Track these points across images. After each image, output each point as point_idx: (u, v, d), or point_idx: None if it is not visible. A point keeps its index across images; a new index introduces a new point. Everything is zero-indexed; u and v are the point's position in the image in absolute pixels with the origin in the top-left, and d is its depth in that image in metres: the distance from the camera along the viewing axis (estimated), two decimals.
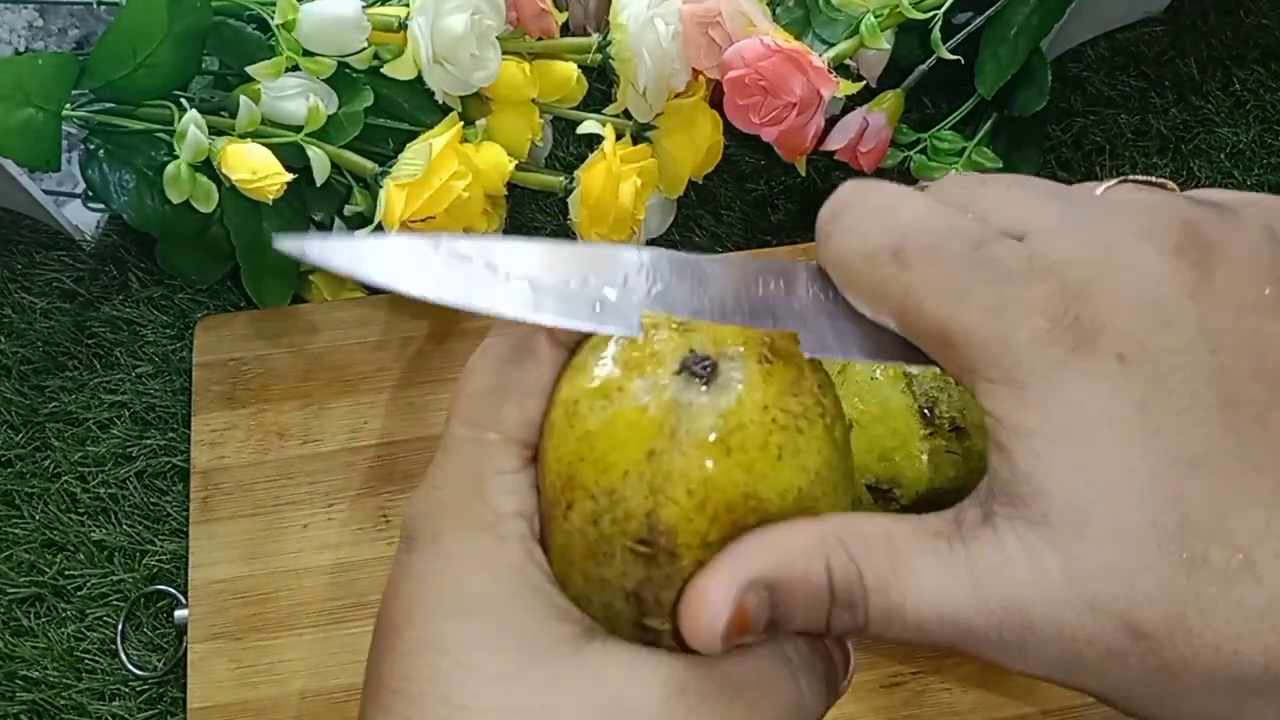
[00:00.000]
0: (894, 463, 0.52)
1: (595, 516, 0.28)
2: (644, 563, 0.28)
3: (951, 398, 0.52)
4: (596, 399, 0.29)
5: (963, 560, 0.26)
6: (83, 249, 0.69)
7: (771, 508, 0.28)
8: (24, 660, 0.58)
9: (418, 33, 0.55)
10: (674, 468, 0.27)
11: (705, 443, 0.28)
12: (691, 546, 0.27)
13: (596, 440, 0.28)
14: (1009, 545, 0.25)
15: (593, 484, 0.28)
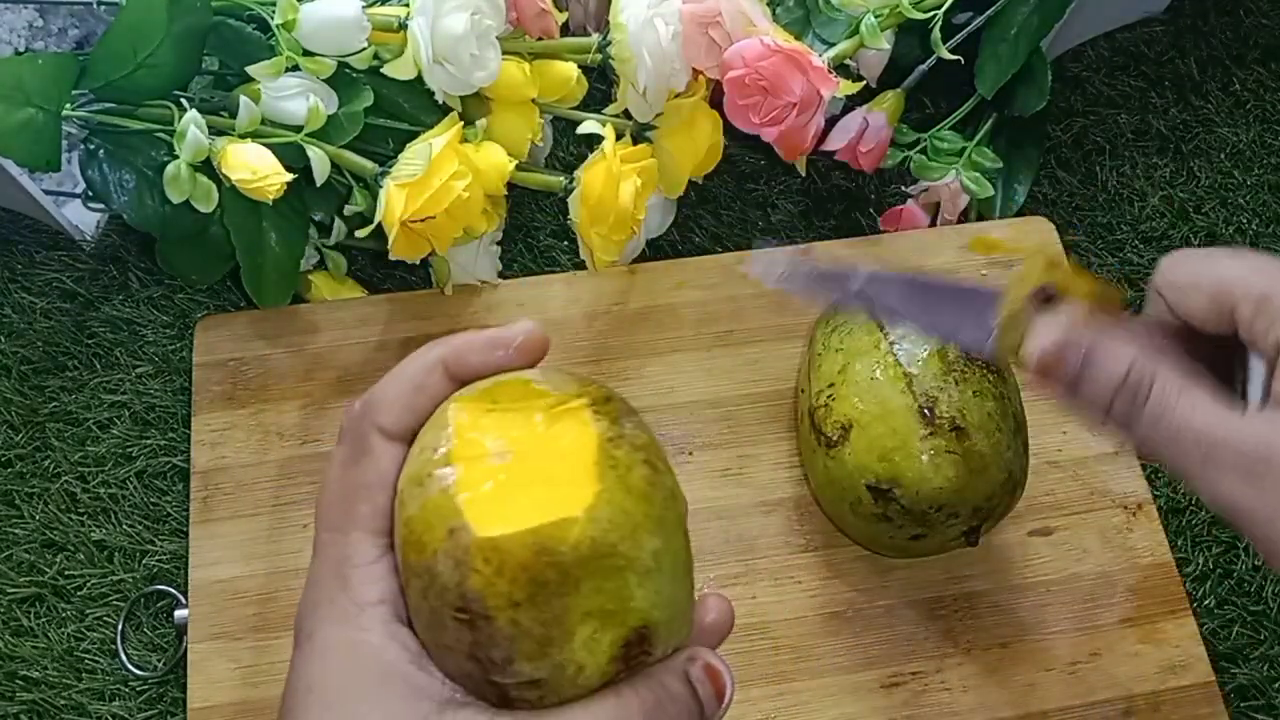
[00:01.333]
0: (894, 463, 0.52)
1: (424, 592, 0.31)
2: (468, 628, 0.30)
3: (951, 398, 0.52)
4: (413, 486, 0.32)
5: (1227, 410, 0.35)
6: (83, 249, 0.69)
7: (565, 560, 0.30)
8: (24, 660, 0.58)
9: (418, 33, 0.55)
10: (470, 541, 0.30)
11: None
12: (501, 608, 0.30)
13: (414, 524, 0.32)
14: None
15: (416, 563, 0.31)
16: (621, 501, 0.31)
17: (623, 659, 0.31)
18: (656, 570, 0.31)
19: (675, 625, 0.33)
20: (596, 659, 0.31)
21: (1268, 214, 0.72)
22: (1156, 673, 0.56)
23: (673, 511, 0.33)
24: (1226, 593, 0.61)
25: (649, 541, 0.31)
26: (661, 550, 0.32)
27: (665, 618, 0.32)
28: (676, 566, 0.33)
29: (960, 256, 0.67)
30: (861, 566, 0.59)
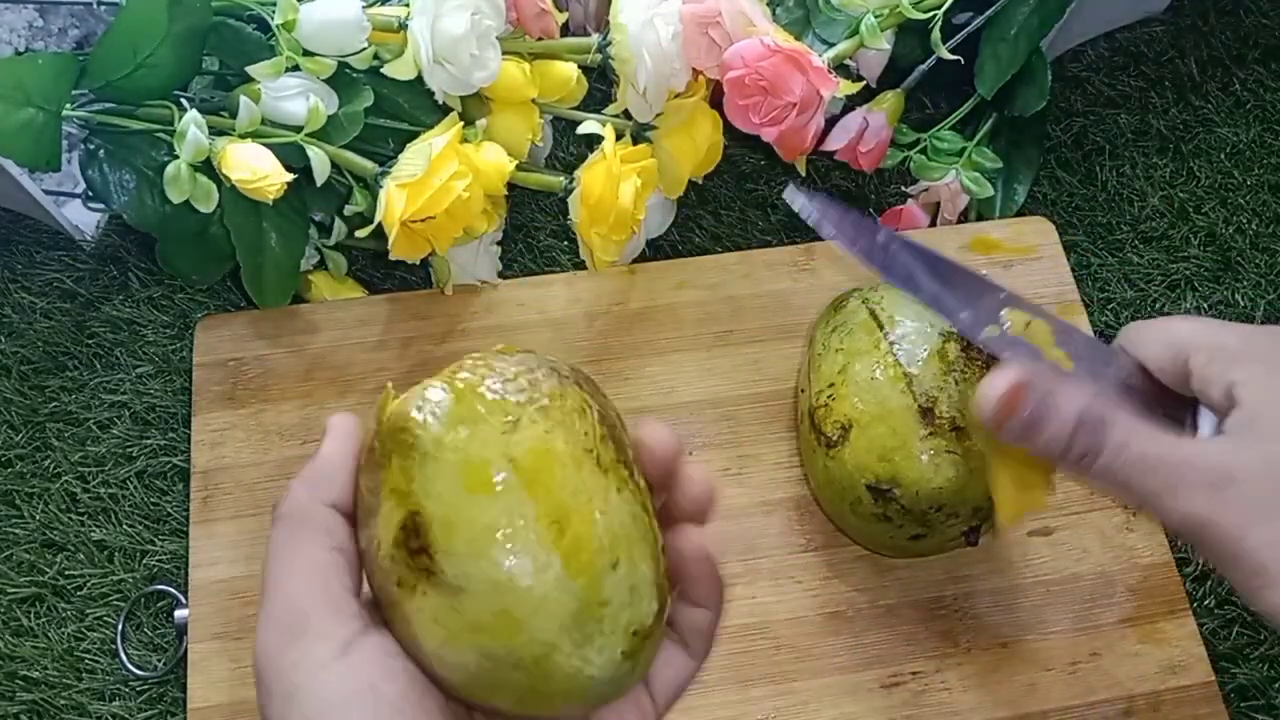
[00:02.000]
0: (894, 463, 0.52)
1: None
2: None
3: (951, 398, 0.52)
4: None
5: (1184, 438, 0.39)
6: (83, 249, 0.69)
7: (383, 430, 0.33)
8: (24, 660, 0.58)
9: (418, 33, 0.55)
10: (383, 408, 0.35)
11: None
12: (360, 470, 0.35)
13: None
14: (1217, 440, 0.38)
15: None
16: (458, 399, 0.32)
17: (404, 545, 0.31)
18: (442, 464, 0.31)
19: (461, 532, 0.31)
20: (386, 538, 0.32)
21: (1268, 214, 0.72)
22: (1156, 673, 0.56)
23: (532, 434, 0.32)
24: (1226, 593, 0.61)
25: (452, 434, 0.32)
26: (464, 444, 0.32)
27: (442, 515, 0.31)
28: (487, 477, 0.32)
29: (960, 257, 0.67)
30: (861, 566, 0.59)
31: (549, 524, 0.31)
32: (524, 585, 0.30)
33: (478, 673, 0.31)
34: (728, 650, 0.56)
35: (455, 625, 0.31)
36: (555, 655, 0.31)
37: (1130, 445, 0.37)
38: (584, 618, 0.31)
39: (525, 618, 0.30)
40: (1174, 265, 0.70)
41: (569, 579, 0.30)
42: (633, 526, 0.32)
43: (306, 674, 0.31)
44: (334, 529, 0.33)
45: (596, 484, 0.32)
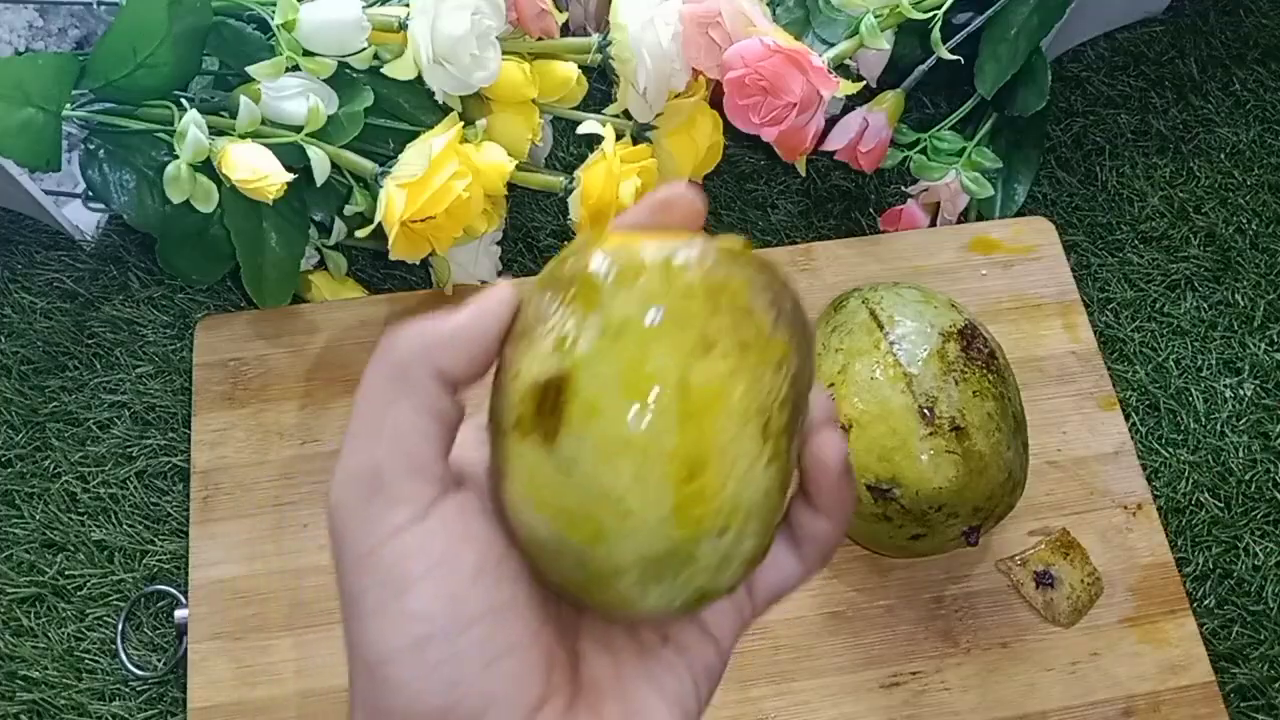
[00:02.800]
0: (894, 463, 0.52)
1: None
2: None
3: (951, 398, 0.52)
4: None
5: None
6: (83, 249, 0.69)
7: (545, 276, 0.31)
8: (24, 660, 0.58)
9: (418, 33, 0.55)
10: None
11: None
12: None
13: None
14: None
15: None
16: (671, 291, 0.29)
17: (540, 397, 0.29)
18: (618, 350, 0.29)
19: (596, 425, 0.29)
20: (530, 374, 0.29)
21: (1268, 214, 0.72)
22: (1156, 673, 0.56)
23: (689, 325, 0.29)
24: (1226, 593, 0.61)
25: (641, 326, 0.29)
26: (647, 341, 0.29)
27: (588, 398, 0.29)
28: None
29: (960, 256, 0.67)
30: (861, 566, 0.58)
31: (682, 465, 0.28)
32: (626, 508, 0.28)
33: (542, 544, 0.30)
34: None
35: (546, 495, 0.29)
36: (620, 578, 0.29)
37: None
38: (664, 563, 0.29)
39: (612, 535, 0.29)
40: (1174, 265, 0.70)
41: (672, 526, 0.29)
42: (761, 502, 0.30)
43: (381, 539, 0.29)
44: (436, 396, 0.30)
45: (751, 449, 0.29)
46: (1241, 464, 0.64)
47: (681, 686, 0.32)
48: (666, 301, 0.29)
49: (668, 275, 0.29)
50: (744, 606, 0.33)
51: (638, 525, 0.28)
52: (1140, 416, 0.65)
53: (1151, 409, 0.66)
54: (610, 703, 0.31)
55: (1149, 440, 0.64)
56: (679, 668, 0.32)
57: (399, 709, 0.29)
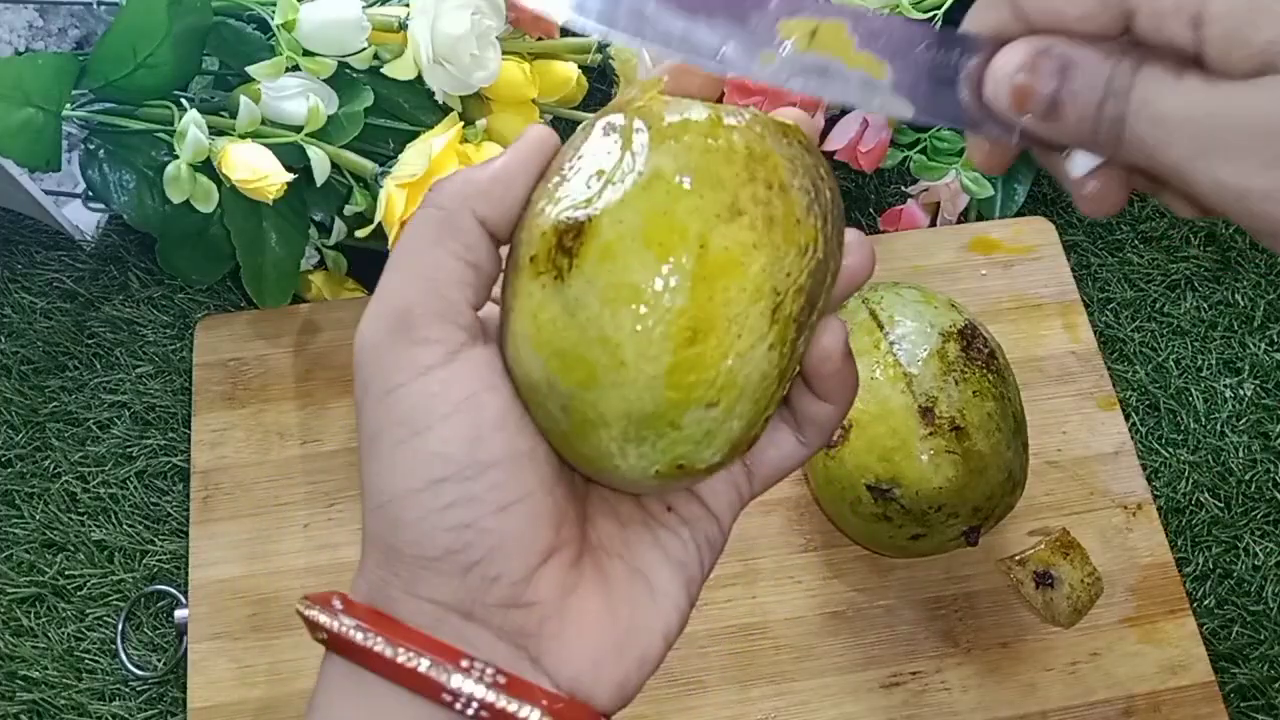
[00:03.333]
0: (894, 462, 0.52)
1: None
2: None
3: (951, 398, 0.52)
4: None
5: (1219, 83, 0.28)
6: (83, 249, 0.69)
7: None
8: (24, 660, 0.58)
9: (418, 33, 0.55)
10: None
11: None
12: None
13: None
14: (1257, 81, 0.28)
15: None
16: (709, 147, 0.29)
17: (561, 235, 0.29)
18: (647, 197, 0.28)
19: (608, 269, 0.28)
20: (555, 211, 0.29)
21: None
22: (1156, 673, 0.56)
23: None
24: (1226, 593, 0.61)
25: (675, 178, 0.29)
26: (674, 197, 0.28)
27: (607, 241, 0.28)
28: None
29: (960, 256, 0.67)
30: (861, 566, 0.59)
31: (685, 327, 0.28)
32: (621, 357, 0.28)
33: (534, 385, 0.29)
34: (728, 650, 0.56)
35: (547, 334, 0.29)
36: (601, 430, 0.29)
37: (1151, 103, 0.29)
38: (648, 423, 0.29)
39: (602, 383, 0.28)
40: (1174, 265, 0.70)
41: (663, 386, 0.28)
42: (756, 384, 0.29)
43: (409, 375, 0.29)
44: (474, 243, 0.30)
45: (757, 327, 0.28)
46: (1241, 464, 0.64)
47: (685, 551, 0.32)
48: (703, 160, 0.29)
49: (711, 134, 0.29)
50: (742, 485, 0.33)
51: (629, 377, 0.28)
52: (1140, 416, 0.65)
53: (1151, 409, 0.66)
54: (615, 561, 0.31)
55: (1149, 440, 0.64)
56: (682, 533, 0.32)
57: (408, 549, 0.29)
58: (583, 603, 0.30)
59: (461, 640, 0.28)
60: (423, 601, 0.29)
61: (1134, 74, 0.29)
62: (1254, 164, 0.28)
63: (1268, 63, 0.27)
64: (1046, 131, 0.31)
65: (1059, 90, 0.30)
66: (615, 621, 0.30)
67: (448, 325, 0.29)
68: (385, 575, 0.29)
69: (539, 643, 0.29)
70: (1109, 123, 0.29)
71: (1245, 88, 0.28)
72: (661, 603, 0.31)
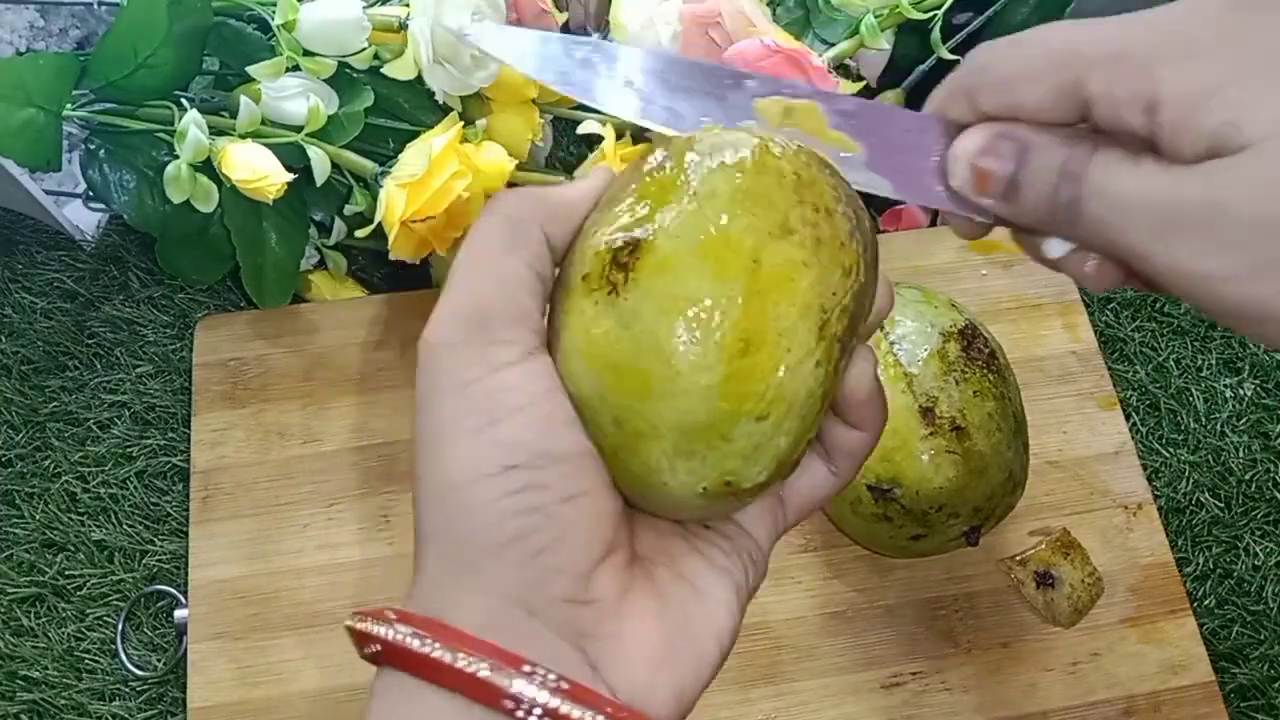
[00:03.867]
0: (894, 463, 0.52)
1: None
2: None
3: (952, 398, 0.52)
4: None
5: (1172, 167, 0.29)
6: (83, 249, 0.69)
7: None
8: (24, 660, 0.58)
9: (418, 33, 0.55)
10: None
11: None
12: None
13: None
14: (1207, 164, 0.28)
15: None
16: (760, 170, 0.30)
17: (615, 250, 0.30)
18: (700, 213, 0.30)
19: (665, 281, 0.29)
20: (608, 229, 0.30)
21: None
22: (1156, 673, 0.56)
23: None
24: (1226, 593, 0.61)
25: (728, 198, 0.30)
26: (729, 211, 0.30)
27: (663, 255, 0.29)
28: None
29: (960, 256, 0.67)
30: (861, 566, 0.58)
31: (740, 338, 0.29)
32: (675, 367, 0.28)
33: (585, 399, 0.30)
34: None
35: (599, 347, 0.29)
36: (652, 443, 0.29)
37: (1107, 187, 0.30)
38: (699, 435, 0.29)
39: (655, 394, 0.29)
40: None
41: (716, 396, 0.29)
42: (804, 400, 0.30)
43: (485, 370, 0.29)
44: (541, 255, 0.31)
45: (806, 342, 0.29)
46: (1241, 464, 0.64)
47: (728, 560, 0.32)
48: (755, 182, 0.30)
49: (760, 159, 0.30)
50: (778, 513, 0.34)
51: (683, 387, 0.29)
52: (1140, 416, 0.65)
53: (1152, 409, 0.66)
54: (662, 569, 0.31)
55: (1149, 440, 0.64)
56: (723, 545, 0.32)
57: (477, 536, 0.28)
58: (638, 604, 0.30)
59: (522, 641, 0.28)
60: (484, 597, 0.28)
61: (1090, 158, 0.30)
62: (1209, 247, 0.28)
63: (1218, 146, 0.28)
64: (1008, 213, 0.32)
65: (1017, 172, 0.31)
66: (669, 624, 0.30)
67: (521, 328, 0.30)
68: (443, 574, 0.29)
69: (597, 645, 0.29)
70: (1066, 205, 0.30)
71: (1197, 172, 0.28)
72: (711, 606, 0.31)
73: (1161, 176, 0.29)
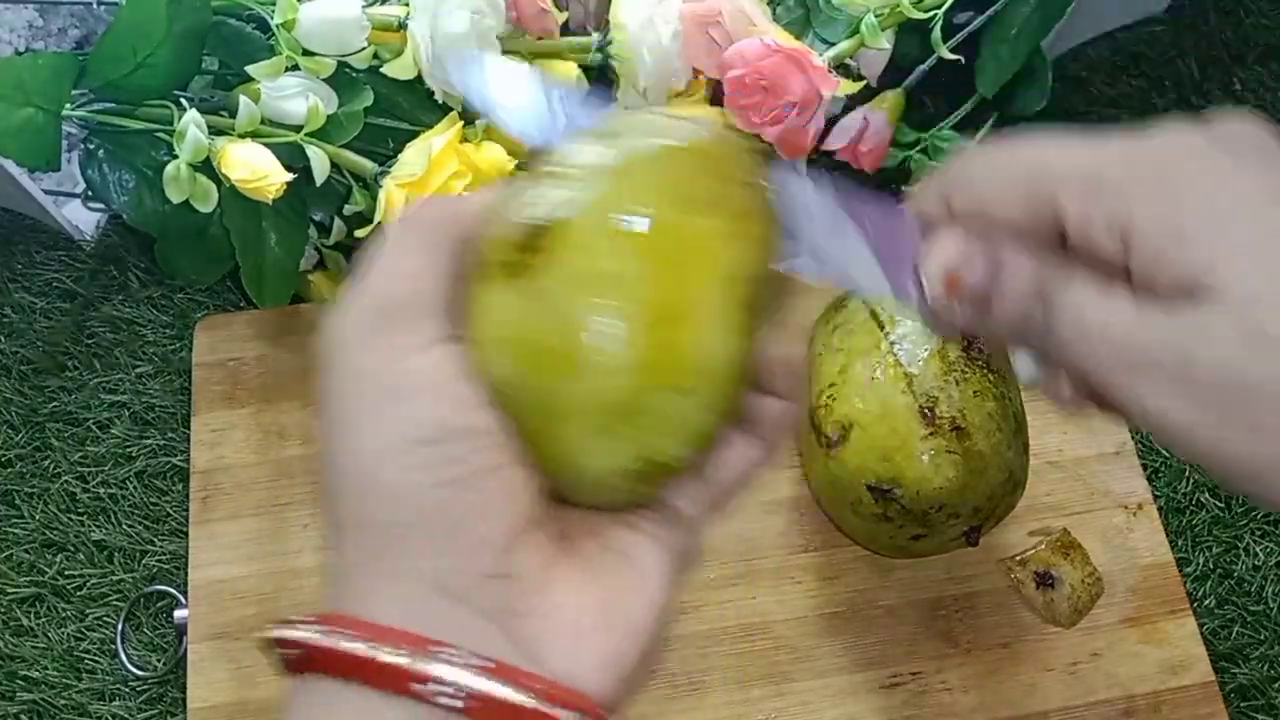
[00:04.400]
0: (895, 463, 0.52)
1: None
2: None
3: (952, 398, 0.52)
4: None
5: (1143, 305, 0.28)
6: (83, 249, 0.69)
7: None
8: (24, 660, 0.58)
9: (418, 33, 0.55)
10: None
11: None
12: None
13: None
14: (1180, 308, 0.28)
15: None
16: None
17: (522, 237, 0.29)
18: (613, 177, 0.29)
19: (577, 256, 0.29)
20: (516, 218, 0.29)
21: None
22: (1156, 673, 0.56)
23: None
24: (1226, 593, 0.61)
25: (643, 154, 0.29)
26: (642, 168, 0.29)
27: (573, 231, 0.28)
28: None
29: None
30: (861, 566, 0.58)
31: (656, 310, 0.28)
32: (593, 345, 0.28)
33: (501, 385, 0.29)
34: (728, 650, 0.56)
35: (513, 330, 0.28)
36: (571, 424, 0.28)
37: (1076, 313, 0.29)
38: (618, 412, 0.28)
39: (572, 373, 0.28)
40: None
41: (635, 373, 0.28)
42: (722, 372, 0.29)
43: (388, 359, 0.28)
44: (447, 251, 0.30)
45: (724, 315, 0.29)
46: None
47: (658, 529, 0.31)
48: (666, 155, 0.29)
49: (673, 133, 0.30)
50: (704, 489, 0.32)
51: (601, 364, 0.28)
52: None
53: None
54: (589, 540, 0.30)
55: (1149, 440, 0.64)
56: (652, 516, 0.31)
57: (384, 514, 0.28)
58: (563, 576, 0.29)
59: (444, 626, 0.27)
60: (402, 585, 0.27)
61: (1063, 279, 0.29)
62: (1176, 392, 0.28)
63: (1189, 288, 0.27)
64: (980, 322, 0.31)
65: (989, 284, 0.30)
66: (598, 595, 0.29)
67: (425, 321, 0.29)
68: (359, 565, 0.28)
69: (524, 622, 0.28)
70: (1038, 323, 0.30)
71: (1169, 315, 0.28)
72: (643, 573, 0.30)
73: (1132, 313, 0.28)
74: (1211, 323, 0.27)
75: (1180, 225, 0.28)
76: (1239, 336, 0.27)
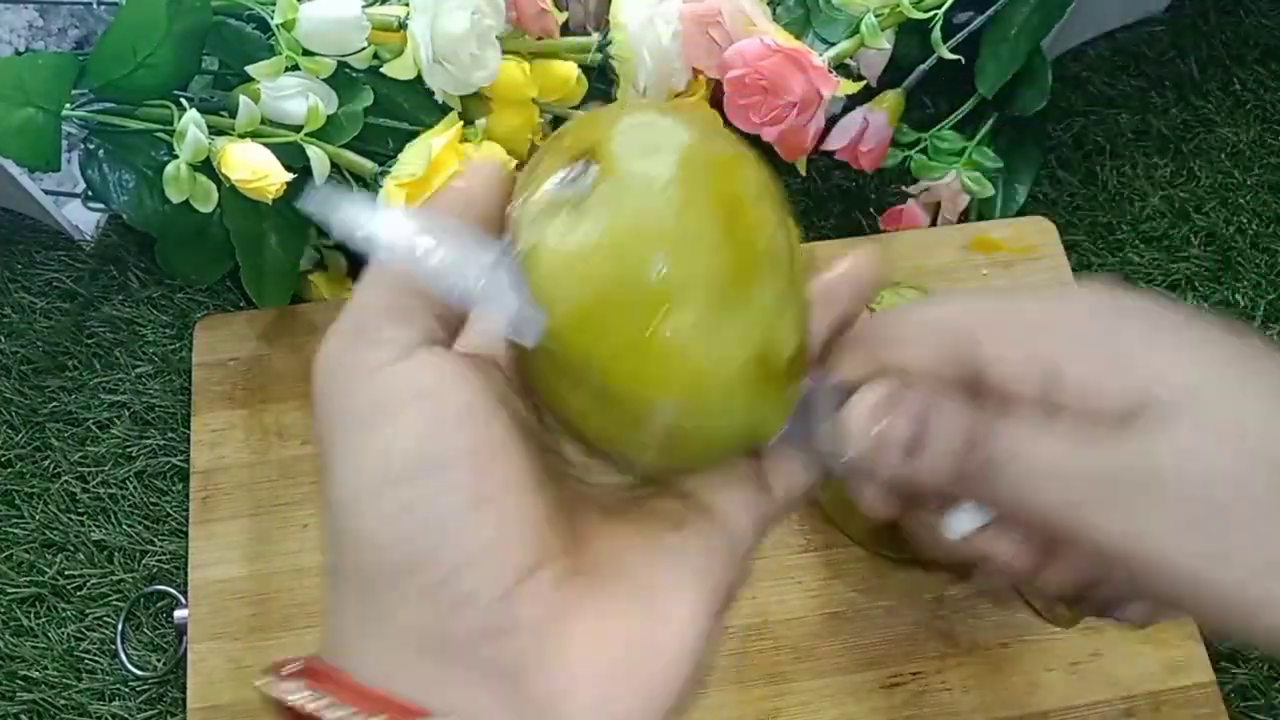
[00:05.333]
0: None
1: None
2: None
3: None
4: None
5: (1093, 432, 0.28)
6: (83, 249, 0.69)
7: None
8: (24, 660, 0.58)
9: (418, 33, 0.55)
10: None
11: None
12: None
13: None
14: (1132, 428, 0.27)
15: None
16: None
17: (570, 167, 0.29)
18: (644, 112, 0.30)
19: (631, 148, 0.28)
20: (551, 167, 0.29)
21: (1268, 214, 0.72)
22: (1156, 673, 0.56)
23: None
24: None
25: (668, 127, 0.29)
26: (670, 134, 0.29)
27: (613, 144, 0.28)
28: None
29: (960, 256, 0.67)
30: (861, 566, 0.58)
31: (723, 202, 0.28)
32: (681, 227, 0.27)
33: (572, 318, 0.26)
34: (728, 650, 0.56)
35: (587, 243, 0.27)
36: (684, 312, 0.26)
37: (1018, 455, 0.28)
38: (730, 288, 0.27)
39: (667, 258, 0.26)
40: (1174, 265, 0.70)
41: (726, 247, 0.27)
42: (787, 262, 0.29)
43: (359, 377, 0.26)
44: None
45: (772, 210, 0.29)
46: None
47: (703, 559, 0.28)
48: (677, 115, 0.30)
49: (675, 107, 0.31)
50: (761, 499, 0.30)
51: (695, 246, 0.27)
52: None
53: None
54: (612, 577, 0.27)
55: None
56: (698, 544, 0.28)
57: (368, 561, 0.25)
58: (580, 623, 0.26)
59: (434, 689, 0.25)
60: (387, 640, 0.25)
61: (997, 421, 0.29)
62: (1133, 512, 0.27)
63: (1132, 408, 0.27)
64: (911, 473, 0.29)
65: (919, 433, 0.29)
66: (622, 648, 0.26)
67: (402, 326, 0.27)
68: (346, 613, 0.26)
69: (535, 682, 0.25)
70: (977, 467, 0.29)
71: (1113, 438, 0.27)
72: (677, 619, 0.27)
73: (1075, 443, 0.27)
74: (1177, 437, 0.27)
75: (1112, 350, 0.28)
76: (1211, 441, 0.26)
